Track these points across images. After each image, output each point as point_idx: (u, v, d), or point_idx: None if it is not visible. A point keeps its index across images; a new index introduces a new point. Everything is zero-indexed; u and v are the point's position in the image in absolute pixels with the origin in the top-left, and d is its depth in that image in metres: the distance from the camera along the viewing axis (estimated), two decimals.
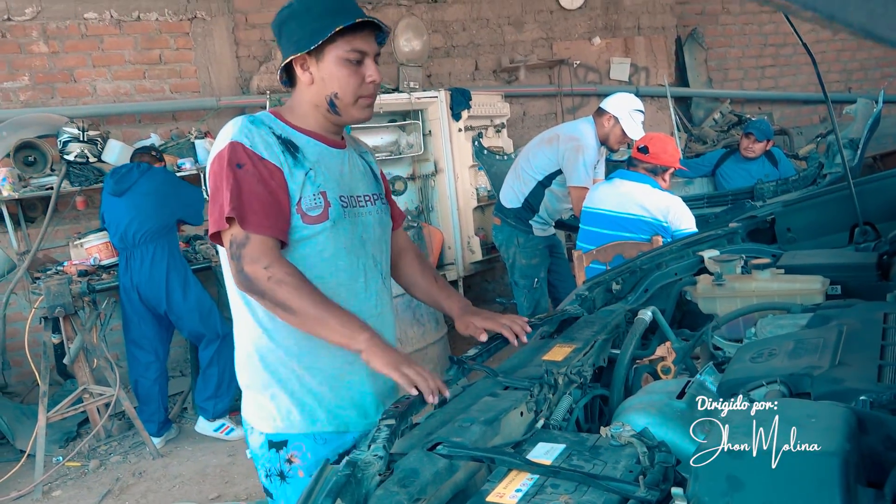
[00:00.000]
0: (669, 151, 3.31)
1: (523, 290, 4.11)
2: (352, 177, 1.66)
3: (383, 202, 1.75)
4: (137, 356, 4.24)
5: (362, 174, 1.71)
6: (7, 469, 3.96)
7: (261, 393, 1.65)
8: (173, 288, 4.10)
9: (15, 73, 4.98)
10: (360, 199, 1.66)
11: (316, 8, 1.54)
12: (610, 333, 1.71)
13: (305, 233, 1.55)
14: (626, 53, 6.74)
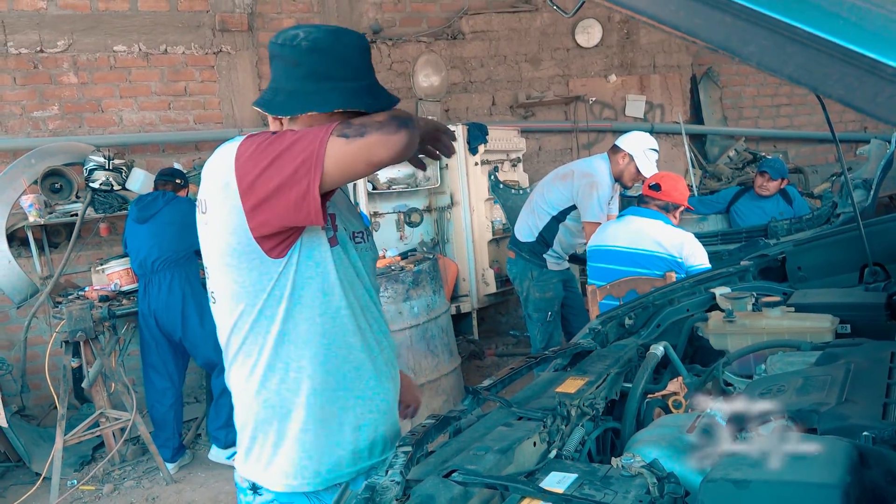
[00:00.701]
0: (680, 189, 3.36)
1: (537, 324, 4.14)
2: (344, 210, 1.57)
3: (370, 238, 1.63)
4: (154, 381, 4.29)
5: (351, 207, 1.64)
6: (23, 492, 4.00)
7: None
8: (189, 315, 4.16)
9: (45, 103, 5.14)
10: (355, 234, 1.56)
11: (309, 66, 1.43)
12: (622, 367, 1.75)
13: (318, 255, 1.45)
14: (642, 91, 6.83)
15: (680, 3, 0.61)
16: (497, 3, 6.48)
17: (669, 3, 0.62)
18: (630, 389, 1.66)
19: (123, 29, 5.29)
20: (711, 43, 0.63)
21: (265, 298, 1.43)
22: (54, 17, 5.12)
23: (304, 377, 1.46)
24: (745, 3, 0.54)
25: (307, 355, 1.46)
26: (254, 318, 1.45)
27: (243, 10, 5.60)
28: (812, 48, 0.51)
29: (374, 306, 1.57)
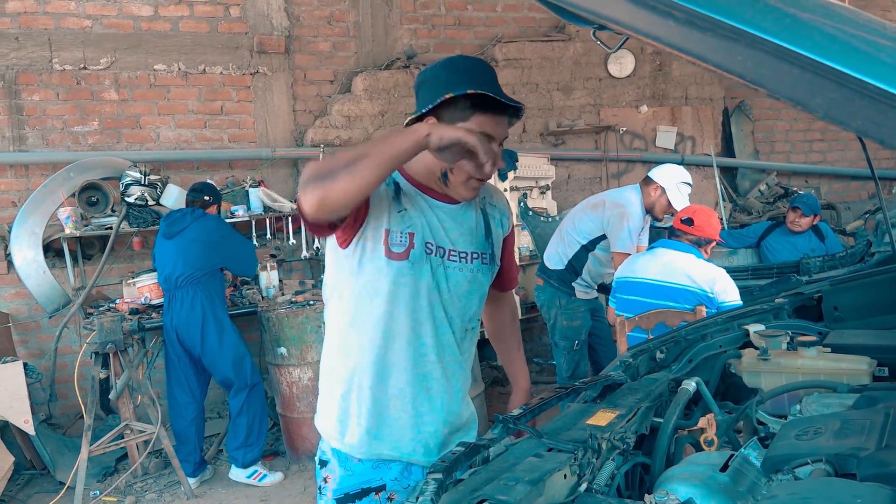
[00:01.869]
0: (713, 224, 3.33)
1: (563, 352, 4.12)
2: (455, 231, 1.72)
3: (485, 263, 1.77)
4: (176, 396, 4.32)
5: (470, 230, 1.75)
6: (47, 500, 4.05)
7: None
8: (208, 333, 4.18)
9: (86, 118, 5.27)
10: (454, 252, 1.71)
11: (445, 75, 1.63)
12: (653, 401, 1.73)
13: (388, 268, 1.64)
14: (673, 122, 6.82)
15: (747, 55, 0.62)
16: (531, 31, 6.54)
17: (736, 53, 0.63)
18: (661, 424, 1.64)
19: (164, 48, 5.42)
20: (777, 93, 0.63)
21: (343, 284, 1.71)
22: (98, 35, 5.26)
23: (362, 363, 1.71)
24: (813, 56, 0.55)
25: (365, 344, 1.70)
26: (334, 301, 1.75)
27: (281, 32, 5.71)
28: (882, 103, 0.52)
29: (441, 323, 1.72)
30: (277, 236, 5.48)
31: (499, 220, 1.86)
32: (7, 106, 5.07)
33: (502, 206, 1.89)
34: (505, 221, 1.88)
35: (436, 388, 1.76)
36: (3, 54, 5.04)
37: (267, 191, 5.38)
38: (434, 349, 1.72)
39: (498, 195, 1.89)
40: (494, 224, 1.83)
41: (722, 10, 0.65)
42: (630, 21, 0.79)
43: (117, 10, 5.32)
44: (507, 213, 1.89)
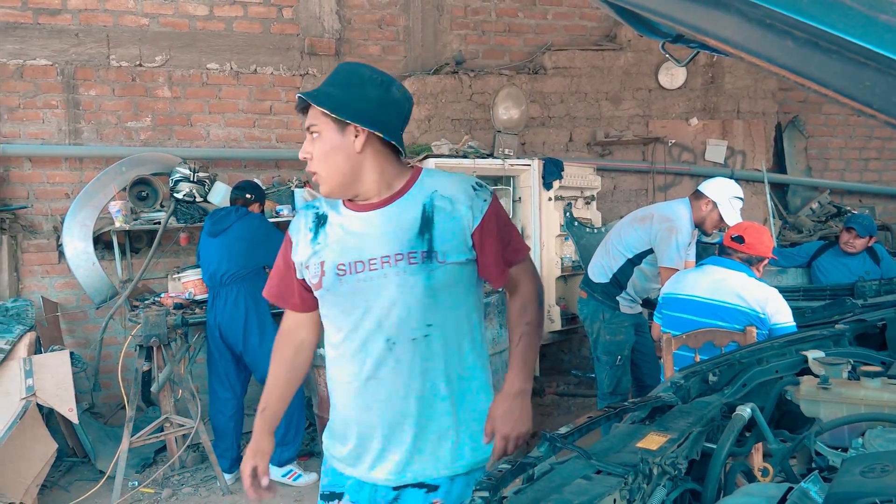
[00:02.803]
0: (765, 242, 3.22)
1: (605, 367, 4.05)
2: (373, 238, 1.70)
3: (412, 262, 1.67)
4: (217, 391, 4.36)
5: (399, 230, 1.68)
6: (87, 488, 4.11)
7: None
8: (250, 331, 4.21)
9: (139, 114, 5.37)
10: (374, 261, 1.68)
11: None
12: (705, 426, 1.67)
13: (317, 296, 1.79)
14: (724, 136, 6.68)
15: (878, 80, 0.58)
16: (581, 40, 6.48)
17: (849, 74, 0.59)
18: (714, 451, 1.58)
19: (218, 48, 5.49)
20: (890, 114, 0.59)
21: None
22: (155, 33, 5.36)
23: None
24: None
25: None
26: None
27: (332, 35, 5.76)
28: None
29: (379, 334, 1.72)
30: None
31: (450, 211, 1.69)
32: (65, 100, 5.19)
33: (459, 194, 1.71)
34: (464, 211, 1.69)
35: (373, 405, 1.76)
36: (62, 50, 5.17)
37: (311, 191, 5.41)
38: (364, 368, 1.74)
39: (452, 184, 1.73)
40: (443, 217, 1.68)
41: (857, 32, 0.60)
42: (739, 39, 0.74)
43: (174, 9, 5.42)
44: (467, 202, 1.70)
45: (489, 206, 1.72)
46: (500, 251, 1.74)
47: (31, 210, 5.13)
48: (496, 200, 1.76)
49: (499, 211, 1.75)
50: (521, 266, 1.80)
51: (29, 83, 5.14)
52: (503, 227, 1.75)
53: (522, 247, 1.81)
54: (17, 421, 3.81)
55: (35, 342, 4.32)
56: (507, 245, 1.75)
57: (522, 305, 1.78)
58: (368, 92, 1.67)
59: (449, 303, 1.72)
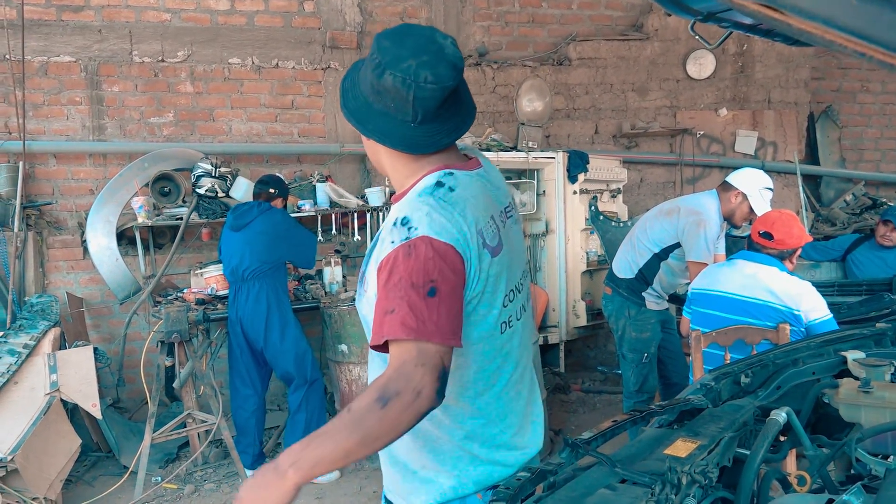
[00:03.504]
0: (795, 234, 3.04)
1: (631, 365, 3.95)
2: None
3: (359, 282, 1.54)
4: (238, 387, 4.35)
5: (371, 243, 1.54)
6: (111, 483, 4.13)
7: None
8: (272, 327, 4.18)
9: (162, 110, 5.37)
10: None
11: None
12: (737, 431, 1.59)
13: None
14: (754, 126, 6.52)
15: None
16: (606, 30, 6.36)
17: None
18: (747, 458, 1.49)
19: (239, 42, 5.47)
20: None
21: None
22: (177, 28, 5.35)
23: None
24: None
25: None
26: None
27: (353, 28, 5.70)
28: None
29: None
30: (343, 232, 5.47)
31: (381, 239, 1.44)
32: (88, 96, 5.20)
33: (389, 221, 1.43)
34: (378, 247, 1.43)
35: None
36: (86, 46, 5.18)
37: (334, 186, 5.37)
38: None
39: (398, 207, 1.45)
40: (377, 242, 1.47)
41: None
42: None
43: (195, 4, 5.40)
44: (385, 232, 1.42)
45: (392, 250, 1.36)
46: (378, 312, 1.36)
47: (56, 206, 5.16)
48: (408, 249, 1.34)
49: (399, 262, 1.34)
50: (394, 348, 1.33)
51: (53, 80, 5.16)
52: (395, 285, 1.33)
53: (396, 327, 1.30)
54: (42, 416, 3.83)
55: (60, 338, 4.35)
56: (386, 311, 1.33)
57: (366, 388, 1.33)
58: (365, 77, 1.45)
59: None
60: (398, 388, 1.27)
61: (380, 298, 1.36)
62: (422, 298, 1.31)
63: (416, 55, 1.37)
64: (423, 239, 1.35)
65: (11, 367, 3.99)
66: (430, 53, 1.38)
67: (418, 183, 1.47)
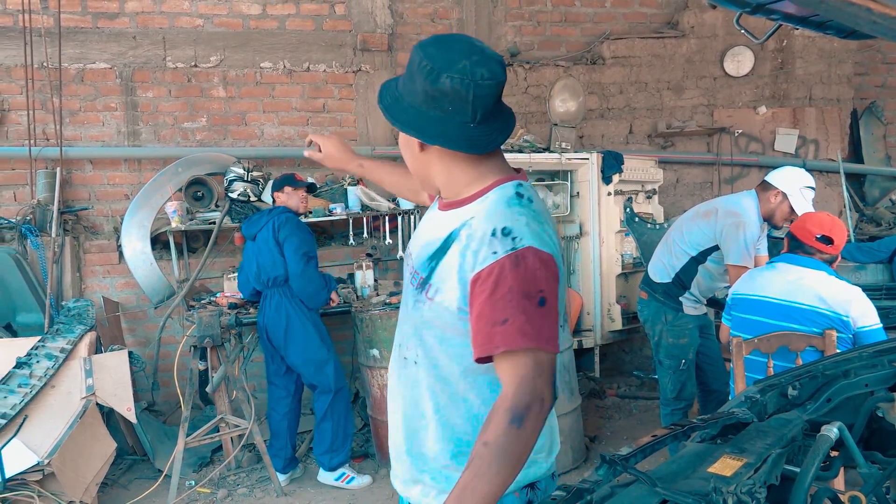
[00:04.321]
0: (846, 238, 3.00)
1: (668, 371, 3.84)
2: (419, 239, 1.62)
3: (413, 284, 1.56)
4: (272, 390, 4.34)
5: (423, 244, 1.57)
6: (146, 486, 4.15)
7: None
8: (292, 336, 4.12)
9: (195, 115, 5.40)
10: (410, 257, 1.63)
11: None
12: (785, 447, 1.51)
13: None
14: (795, 124, 6.34)
15: None
16: (641, 28, 6.24)
17: None
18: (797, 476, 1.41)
19: (271, 46, 5.48)
20: None
21: None
22: (209, 34, 5.39)
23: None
24: None
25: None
26: None
27: (384, 30, 5.68)
28: None
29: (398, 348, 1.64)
30: (374, 235, 5.45)
31: (463, 248, 1.44)
32: (123, 102, 5.26)
33: (478, 232, 1.42)
34: (471, 254, 1.41)
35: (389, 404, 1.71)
36: (121, 52, 5.23)
37: (365, 189, 5.35)
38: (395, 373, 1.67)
39: (486, 220, 1.44)
40: (455, 250, 1.45)
41: None
42: None
43: (227, 9, 5.43)
44: (478, 244, 1.41)
45: (495, 261, 1.37)
46: (483, 324, 1.37)
47: (93, 211, 5.22)
48: (514, 260, 1.36)
49: (506, 273, 1.35)
50: (507, 360, 1.35)
51: (89, 86, 5.23)
52: (503, 296, 1.35)
53: (516, 337, 1.33)
54: (78, 420, 3.87)
55: (95, 342, 4.39)
56: (495, 322, 1.34)
57: (489, 416, 1.34)
58: (416, 84, 1.45)
59: (440, 350, 1.51)
60: (527, 402, 1.31)
61: (483, 310, 1.36)
62: (535, 308, 1.34)
63: (467, 56, 1.42)
64: (529, 249, 1.37)
65: (49, 370, 4.04)
66: (477, 54, 1.43)
67: (490, 192, 1.49)
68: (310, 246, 4.13)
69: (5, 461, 3.48)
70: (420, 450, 1.59)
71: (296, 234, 4.08)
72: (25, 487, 3.55)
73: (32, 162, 4.96)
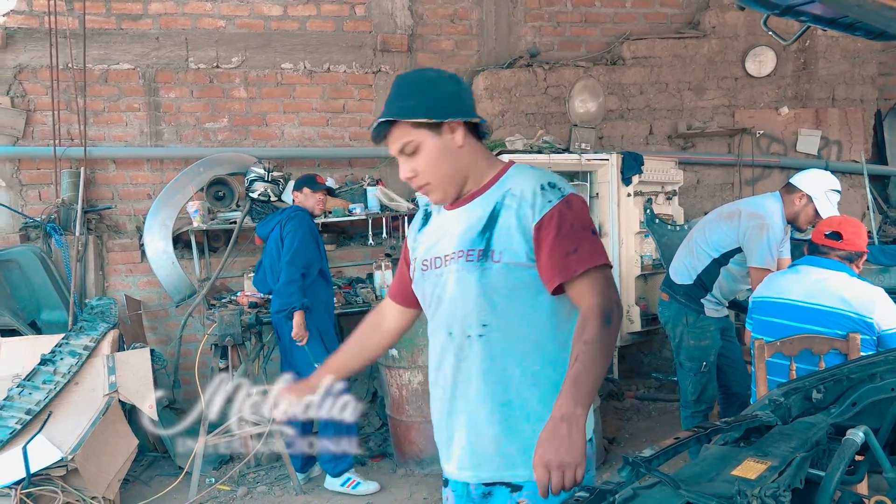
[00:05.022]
0: (863, 235, 2.95)
1: (689, 374, 3.82)
2: (449, 236, 1.74)
3: (470, 259, 1.67)
4: None
5: (467, 228, 1.70)
6: (167, 483, 4.19)
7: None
8: (294, 343, 4.08)
9: (217, 115, 5.45)
10: (448, 258, 1.72)
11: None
12: (809, 451, 1.50)
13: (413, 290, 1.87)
14: (817, 125, 6.27)
15: None
16: (661, 28, 6.21)
17: None
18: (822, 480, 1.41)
19: (292, 47, 5.52)
20: None
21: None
22: (231, 35, 5.43)
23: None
24: None
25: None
26: None
27: (404, 31, 5.70)
28: None
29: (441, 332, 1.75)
30: (393, 235, 5.46)
31: (515, 209, 1.66)
32: (146, 103, 5.32)
33: (526, 192, 1.66)
34: (526, 209, 1.64)
35: (442, 395, 1.78)
36: (144, 54, 5.29)
37: (384, 190, 5.37)
38: (434, 360, 1.79)
39: (525, 182, 1.68)
40: (507, 215, 1.66)
41: None
42: None
43: (249, 11, 5.47)
44: (530, 199, 1.65)
45: (553, 207, 1.62)
46: (557, 256, 1.60)
47: (116, 210, 5.29)
48: (567, 203, 1.64)
49: (565, 213, 1.62)
50: (586, 279, 1.60)
51: (113, 87, 5.29)
52: (569, 231, 1.61)
53: (590, 258, 1.60)
54: (101, 417, 3.92)
55: (118, 339, 4.45)
56: (568, 252, 1.59)
57: (582, 322, 1.58)
58: (443, 88, 1.70)
59: (508, 306, 1.67)
60: (610, 305, 1.57)
61: (552, 246, 1.60)
62: (592, 236, 1.64)
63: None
64: (573, 195, 1.66)
65: (72, 368, 4.09)
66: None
67: (507, 171, 1.74)
68: (305, 251, 4.01)
69: (30, 456, 3.53)
70: (500, 413, 1.68)
71: (297, 232, 4.04)
72: (49, 483, 3.60)
73: (57, 162, 5.03)
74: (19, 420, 3.76)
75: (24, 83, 5.13)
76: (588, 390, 1.50)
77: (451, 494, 1.81)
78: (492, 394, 1.69)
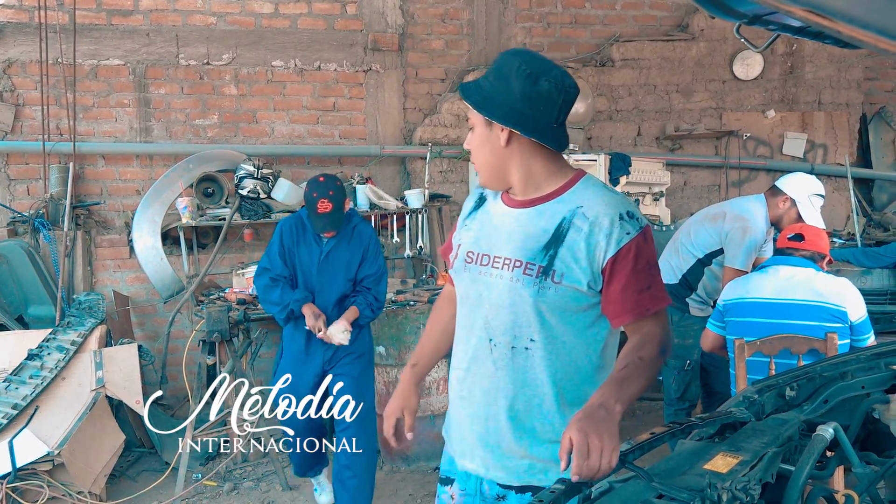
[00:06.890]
0: (824, 238, 3.11)
1: (672, 372, 3.87)
2: (504, 236, 1.71)
3: (528, 274, 1.64)
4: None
5: (528, 237, 1.67)
6: (153, 479, 4.20)
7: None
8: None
9: (206, 112, 5.46)
10: (497, 259, 1.70)
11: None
12: (781, 446, 1.53)
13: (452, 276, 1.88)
14: (803, 128, 6.35)
15: None
16: (651, 30, 6.26)
17: None
18: (792, 474, 1.44)
19: (282, 45, 5.53)
20: None
21: None
22: (222, 31, 5.44)
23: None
24: None
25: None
26: None
27: (395, 30, 5.72)
28: None
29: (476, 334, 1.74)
30: (381, 233, 5.49)
31: (586, 233, 1.61)
32: (136, 99, 5.32)
33: (603, 218, 1.61)
34: (601, 237, 1.60)
35: (469, 397, 1.78)
36: (134, 50, 5.29)
37: (374, 188, 5.39)
38: (465, 359, 1.78)
39: (601, 206, 1.63)
40: (576, 237, 1.62)
41: None
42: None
43: (240, 8, 5.48)
44: (607, 229, 1.61)
45: (631, 240, 1.60)
46: (631, 293, 1.61)
47: (105, 206, 5.28)
48: (643, 237, 1.63)
49: (642, 248, 1.62)
50: (653, 318, 1.64)
51: (103, 83, 5.28)
52: (644, 267, 1.62)
53: (662, 297, 1.65)
54: (88, 412, 3.93)
55: (106, 335, 4.45)
56: (641, 290, 1.61)
57: (640, 342, 1.61)
58: (512, 85, 1.62)
59: (559, 326, 1.67)
60: (669, 342, 1.65)
61: (627, 282, 1.60)
62: (658, 273, 1.67)
63: (556, 67, 1.65)
64: (648, 227, 1.66)
65: (59, 363, 4.10)
66: (560, 68, 1.66)
67: (577, 184, 1.69)
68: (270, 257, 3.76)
69: (16, 451, 3.54)
70: (532, 423, 1.71)
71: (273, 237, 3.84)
72: (35, 477, 3.62)
73: (46, 157, 5.02)
74: (6, 415, 3.77)
75: (13, 78, 5.11)
76: (630, 394, 1.53)
77: (459, 492, 1.82)
78: (525, 405, 1.71)
